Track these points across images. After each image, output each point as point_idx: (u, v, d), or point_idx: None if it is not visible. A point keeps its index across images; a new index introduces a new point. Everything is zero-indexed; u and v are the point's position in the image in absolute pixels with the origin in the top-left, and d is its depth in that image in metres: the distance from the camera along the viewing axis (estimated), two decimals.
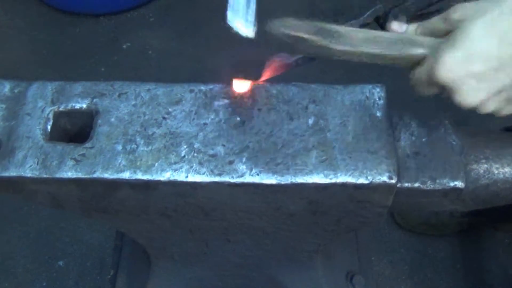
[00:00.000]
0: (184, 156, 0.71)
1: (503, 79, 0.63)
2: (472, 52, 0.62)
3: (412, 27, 0.73)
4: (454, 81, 0.64)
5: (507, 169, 0.74)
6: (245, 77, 0.75)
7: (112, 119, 0.74)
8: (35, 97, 0.76)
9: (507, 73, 0.63)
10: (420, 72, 0.67)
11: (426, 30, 0.71)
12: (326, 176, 0.69)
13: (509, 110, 0.68)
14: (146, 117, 0.74)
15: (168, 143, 0.72)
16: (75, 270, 1.71)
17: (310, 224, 0.78)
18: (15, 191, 0.73)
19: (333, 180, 0.69)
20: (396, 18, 0.75)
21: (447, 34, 0.66)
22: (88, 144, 0.72)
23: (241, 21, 0.68)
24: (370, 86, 0.77)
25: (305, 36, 0.67)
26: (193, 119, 0.74)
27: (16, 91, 0.77)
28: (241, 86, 0.75)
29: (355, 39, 0.67)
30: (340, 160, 0.70)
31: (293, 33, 0.67)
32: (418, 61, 0.67)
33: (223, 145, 0.72)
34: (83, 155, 0.71)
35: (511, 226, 1.70)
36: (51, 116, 0.74)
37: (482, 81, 0.63)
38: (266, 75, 0.74)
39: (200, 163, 0.70)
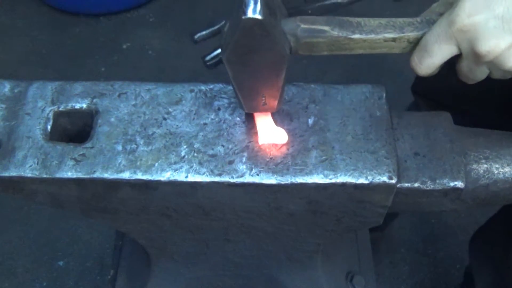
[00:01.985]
0: (184, 156, 0.71)
1: None
2: None
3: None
4: (475, 25, 0.60)
5: (507, 169, 0.74)
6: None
7: (112, 119, 0.74)
8: (35, 97, 0.76)
9: None
10: (438, 26, 0.63)
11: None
12: (326, 176, 0.69)
13: None
14: (146, 117, 0.74)
15: (168, 143, 0.72)
16: (75, 270, 1.71)
17: (310, 224, 0.78)
18: (15, 191, 0.73)
19: (333, 180, 0.69)
20: None
21: None
22: (88, 144, 0.72)
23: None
24: (370, 86, 0.77)
25: (326, 28, 0.64)
26: (193, 119, 0.74)
27: (16, 91, 0.77)
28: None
29: (374, 26, 0.65)
30: (340, 160, 0.70)
31: (312, 26, 0.64)
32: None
33: (223, 145, 0.72)
34: (83, 155, 0.71)
35: None
36: (51, 116, 0.74)
37: (506, 22, 0.59)
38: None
39: (200, 163, 0.70)
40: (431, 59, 0.66)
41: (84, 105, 0.75)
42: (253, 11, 0.58)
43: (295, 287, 0.96)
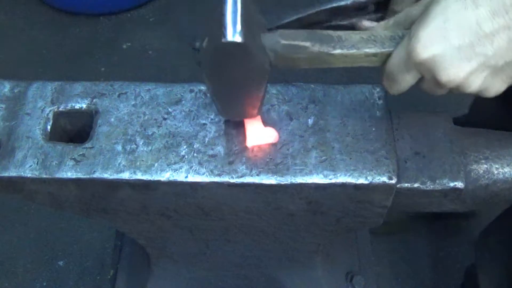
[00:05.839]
0: (184, 156, 0.71)
1: (485, 50, 0.59)
2: (447, 24, 0.58)
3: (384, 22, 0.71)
4: (433, 57, 0.60)
5: (506, 169, 0.74)
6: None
7: (112, 119, 0.74)
8: (35, 97, 0.76)
9: (489, 43, 0.58)
10: (397, 55, 0.63)
11: (400, 20, 0.68)
12: (325, 176, 0.69)
13: (496, 88, 0.63)
14: (146, 117, 0.74)
15: (168, 143, 0.72)
16: (75, 270, 1.71)
17: (310, 224, 0.78)
18: (15, 191, 0.73)
19: (333, 180, 0.69)
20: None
21: None
22: (88, 144, 0.72)
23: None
24: (370, 86, 0.77)
25: (307, 44, 0.63)
26: (193, 119, 0.74)
27: (16, 91, 0.77)
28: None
29: (355, 41, 0.65)
30: (339, 160, 0.70)
31: (293, 42, 0.63)
32: None
33: (223, 145, 0.72)
34: (83, 155, 0.71)
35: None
36: (51, 116, 0.74)
37: (463, 52, 0.59)
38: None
39: (200, 163, 0.70)
40: (399, 86, 0.66)
41: (84, 105, 0.75)
42: (233, 34, 0.56)
43: (295, 287, 0.96)
